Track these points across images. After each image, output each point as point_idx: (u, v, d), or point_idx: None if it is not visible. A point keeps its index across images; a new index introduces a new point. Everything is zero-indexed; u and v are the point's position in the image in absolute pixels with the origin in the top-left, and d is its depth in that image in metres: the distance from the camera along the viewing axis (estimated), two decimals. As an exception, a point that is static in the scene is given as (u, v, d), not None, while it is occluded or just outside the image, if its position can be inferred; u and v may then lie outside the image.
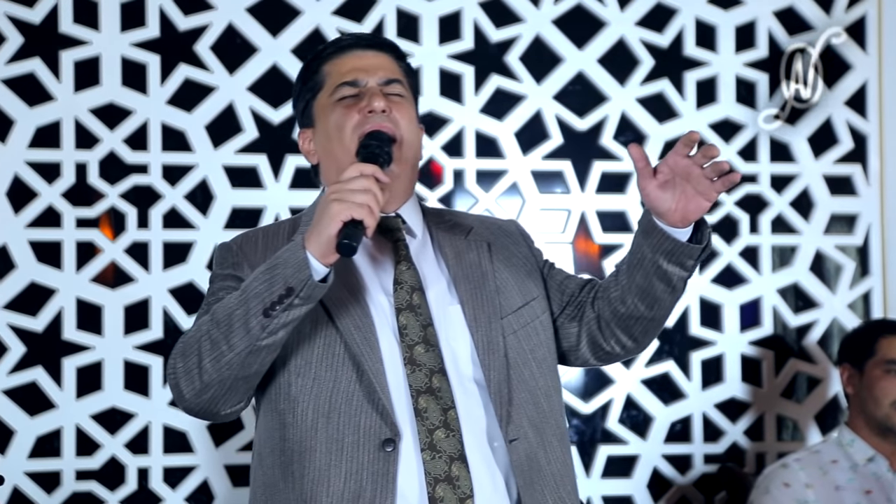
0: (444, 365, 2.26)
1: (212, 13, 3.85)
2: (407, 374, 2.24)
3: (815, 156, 4.22)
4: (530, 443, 2.27)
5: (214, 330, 2.17)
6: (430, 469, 2.20)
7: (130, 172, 3.77)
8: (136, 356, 3.74)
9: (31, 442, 3.67)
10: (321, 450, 2.22)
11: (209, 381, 2.18)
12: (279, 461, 2.27)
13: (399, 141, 2.32)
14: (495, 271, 2.37)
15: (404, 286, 2.30)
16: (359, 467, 2.20)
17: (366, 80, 2.35)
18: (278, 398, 2.28)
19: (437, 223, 2.42)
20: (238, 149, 3.85)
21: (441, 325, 2.29)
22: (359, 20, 3.93)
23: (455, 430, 2.22)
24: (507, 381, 2.27)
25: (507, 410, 2.25)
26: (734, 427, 4.13)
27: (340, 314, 2.26)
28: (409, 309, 2.28)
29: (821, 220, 4.20)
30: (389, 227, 2.35)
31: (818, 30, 4.22)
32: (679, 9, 4.15)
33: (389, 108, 2.32)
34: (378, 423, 2.21)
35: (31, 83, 3.73)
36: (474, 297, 2.32)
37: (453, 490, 2.20)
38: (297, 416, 2.25)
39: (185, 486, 3.77)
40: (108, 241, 3.74)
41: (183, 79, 3.82)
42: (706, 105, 4.15)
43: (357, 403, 2.22)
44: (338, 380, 2.24)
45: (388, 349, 2.26)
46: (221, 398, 2.22)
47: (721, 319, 4.14)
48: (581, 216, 4.05)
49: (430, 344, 2.26)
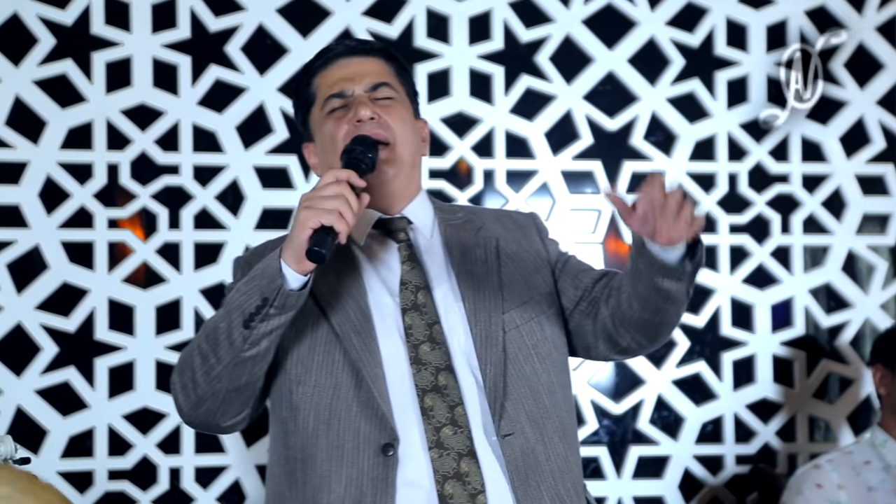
0: (451, 362, 2.26)
1: (242, 14, 3.86)
2: (413, 374, 2.24)
3: (847, 155, 4.20)
4: (527, 438, 2.26)
5: (204, 344, 2.19)
6: (437, 467, 2.20)
7: (162, 173, 3.78)
8: (167, 356, 3.74)
9: (64, 442, 3.68)
10: (322, 457, 2.24)
11: (202, 394, 2.21)
12: (284, 469, 2.29)
13: (392, 143, 2.33)
14: (501, 267, 2.36)
15: (409, 286, 2.30)
16: (359, 473, 2.21)
17: (352, 89, 2.36)
18: (281, 406, 2.30)
19: (448, 220, 2.42)
20: (269, 149, 3.85)
21: (447, 323, 2.29)
22: (388, 20, 3.93)
23: (463, 426, 2.22)
24: (504, 376, 2.27)
25: (501, 405, 2.25)
26: (766, 428, 4.11)
27: (340, 320, 2.27)
28: (414, 308, 2.28)
29: (853, 220, 4.18)
30: (394, 228, 2.36)
31: (850, 29, 4.20)
32: (710, 8, 4.13)
33: (378, 114, 2.32)
34: (377, 428, 2.21)
35: (63, 84, 3.74)
36: (476, 292, 2.32)
37: (463, 486, 2.20)
38: (299, 424, 2.26)
39: (217, 485, 3.77)
40: (139, 242, 3.75)
41: (214, 80, 3.83)
42: (737, 105, 4.14)
43: (356, 409, 2.23)
44: (337, 386, 2.24)
45: (392, 351, 2.26)
46: (218, 411, 2.24)
47: (752, 320, 4.12)
48: (611, 216, 4.04)
49: (436, 342, 2.26)
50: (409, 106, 2.42)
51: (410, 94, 2.44)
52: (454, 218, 2.44)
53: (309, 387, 2.25)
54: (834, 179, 4.19)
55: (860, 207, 4.18)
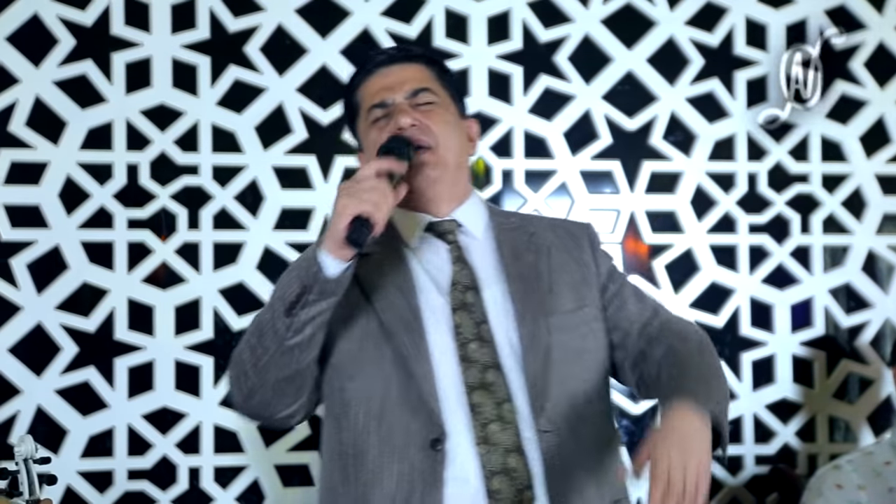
0: (499, 360, 2.28)
1: (261, 14, 3.86)
2: (461, 371, 2.27)
3: (867, 155, 4.19)
4: (562, 438, 2.28)
5: (252, 337, 2.25)
6: (485, 462, 2.23)
7: (181, 173, 3.79)
8: (186, 356, 3.75)
9: (84, 441, 3.69)
10: (373, 452, 2.27)
11: (253, 386, 2.25)
12: (338, 464, 2.32)
13: (434, 147, 2.35)
14: (551, 272, 2.39)
15: (458, 286, 2.34)
16: (409, 468, 2.24)
17: (392, 98, 2.39)
18: (334, 403, 2.34)
19: (501, 224, 2.45)
20: (288, 150, 3.86)
21: (495, 322, 2.32)
22: (407, 21, 3.93)
23: (511, 422, 2.25)
24: (545, 376, 2.29)
25: (541, 405, 2.27)
26: (786, 428, 4.10)
27: (391, 317, 2.30)
28: (463, 308, 2.32)
29: (873, 219, 4.17)
30: (444, 230, 2.39)
31: (870, 28, 4.19)
32: (729, 8, 4.13)
33: (419, 120, 2.35)
34: (426, 422, 2.24)
35: (83, 85, 3.75)
36: (525, 294, 2.35)
37: (511, 481, 2.23)
38: (350, 420, 2.30)
39: (236, 485, 3.78)
40: (158, 242, 3.76)
41: (233, 80, 3.83)
42: (756, 104, 4.13)
43: (405, 405, 2.26)
44: (387, 382, 2.28)
45: (443, 349, 2.29)
46: (270, 402, 2.28)
47: (772, 320, 4.12)
48: (630, 216, 4.03)
49: (484, 340, 2.30)
50: (453, 108, 2.45)
51: (454, 96, 2.47)
52: (507, 222, 2.48)
53: (359, 382, 2.29)
54: (854, 179, 4.18)
55: (880, 207, 4.17)
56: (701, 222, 4.07)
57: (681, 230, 4.06)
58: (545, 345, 2.31)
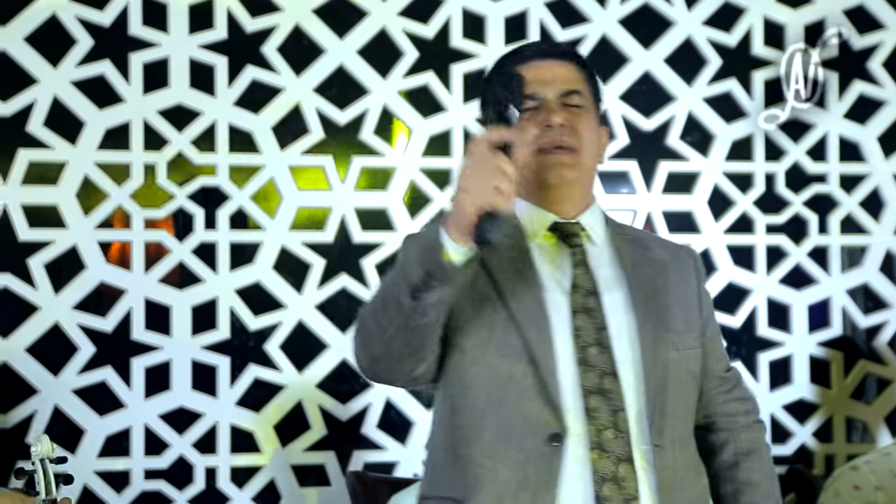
0: (615, 368, 2.29)
1: (279, 15, 3.87)
2: (579, 374, 2.28)
3: (885, 155, 4.18)
4: (675, 456, 2.31)
5: (379, 305, 2.22)
6: (598, 468, 2.24)
7: (198, 174, 3.80)
8: (203, 356, 3.76)
9: (101, 441, 3.70)
10: (488, 437, 2.27)
11: (378, 352, 2.24)
12: (449, 444, 2.33)
13: (578, 150, 2.35)
14: (667, 289, 2.40)
15: (581, 290, 2.34)
16: (526, 458, 2.24)
17: (544, 93, 2.37)
18: (452, 383, 2.33)
19: (619, 234, 2.46)
20: (304, 150, 3.86)
21: (614, 330, 2.32)
22: (425, 21, 3.93)
23: (624, 431, 2.26)
24: (664, 391, 2.31)
25: (657, 418, 2.29)
26: (803, 429, 4.10)
27: (520, 308, 2.30)
28: (584, 311, 2.32)
29: (891, 219, 4.16)
30: (568, 232, 2.39)
31: (888, 28, 4.17)
32: (747, 8, 4.12)
33: (568, 120, 2.35)
34: (548, 416, 2.25)
35: (101, 85, 3.76)
36: (646, 307, 2.35)
37: (619, 490, 2.24)
38: (468, 402, 2.29)
39: (252, 485, 3.78)
40: (175, 242, 3.76)
41: (250, 80, 3.84)
42: (774, 104, 4.12)
43: (529, 396, 2.26)
44: (512, 372, 2.27)
45: (562, 348, 2.29)
46: (395, 367, 2.26)
47: (790, 320, 4.11)
48: (647, 216, 4.03)
49: (603, 346, 2.30)
50: (595, 114, 2.45)
51: (597, 102, 2.47)
52: (623, 233, 2.48)
53: (483, 367, 2.29)
54: (872, 179, 4.17)
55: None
56: (718, 222, 4.07)
57: (698, 230, 4.06)
58: (664, 359, 2.32)
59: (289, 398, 3.81)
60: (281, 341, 3.81)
